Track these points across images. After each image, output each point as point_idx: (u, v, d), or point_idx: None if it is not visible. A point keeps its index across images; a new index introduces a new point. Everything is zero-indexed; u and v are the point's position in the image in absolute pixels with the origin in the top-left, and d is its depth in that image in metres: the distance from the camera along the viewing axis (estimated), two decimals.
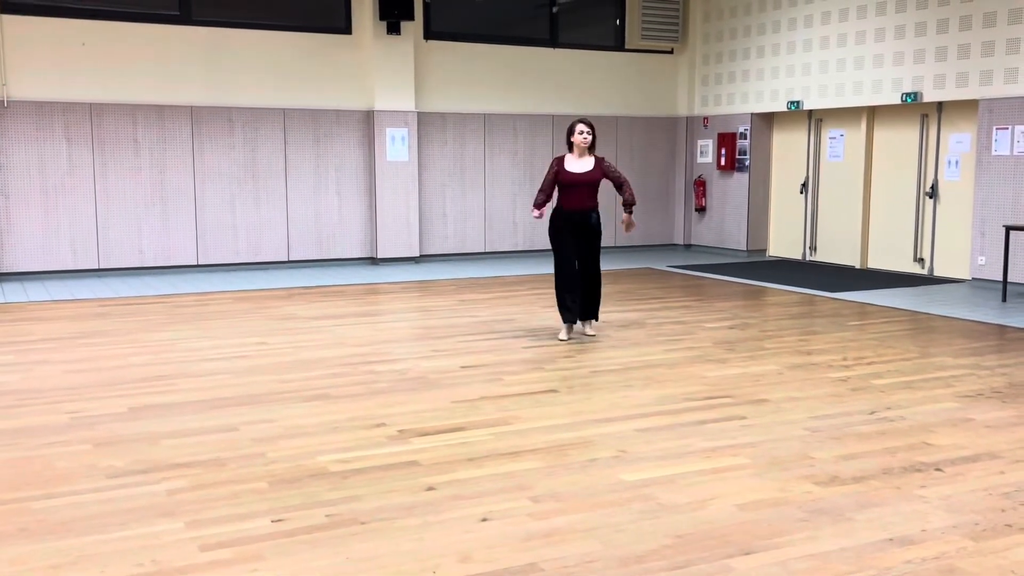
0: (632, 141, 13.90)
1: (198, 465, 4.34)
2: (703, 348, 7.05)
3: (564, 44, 13.30)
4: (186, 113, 11.12)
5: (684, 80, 14.10)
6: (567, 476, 4.21)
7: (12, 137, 10.38)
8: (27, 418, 5.12)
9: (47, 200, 10.59)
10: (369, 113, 12.03)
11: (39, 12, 10.41)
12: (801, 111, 12.57)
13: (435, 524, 3.65)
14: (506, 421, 5.10)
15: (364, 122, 12.08)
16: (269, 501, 3.89)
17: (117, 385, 5.87)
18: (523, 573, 3.22)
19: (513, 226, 13.17)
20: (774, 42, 12.73)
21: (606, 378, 6.10)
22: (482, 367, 6.42)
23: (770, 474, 4.24)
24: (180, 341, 7.28)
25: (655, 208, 14.23)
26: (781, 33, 12.61)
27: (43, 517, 3.71)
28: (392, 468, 4.32)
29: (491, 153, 12.93)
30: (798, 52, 12.38)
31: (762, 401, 5.52)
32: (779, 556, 3.36)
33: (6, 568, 3.25)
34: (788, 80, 12.56)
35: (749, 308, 9.03)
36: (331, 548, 3.43)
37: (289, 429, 4.95)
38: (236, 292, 9.89)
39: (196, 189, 11.28)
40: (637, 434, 4.85)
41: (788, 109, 12.56)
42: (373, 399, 5.59)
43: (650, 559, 3.34)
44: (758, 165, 13.28)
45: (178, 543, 3.46)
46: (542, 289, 10.17)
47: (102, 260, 10.89)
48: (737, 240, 13.46)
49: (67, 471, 4.26)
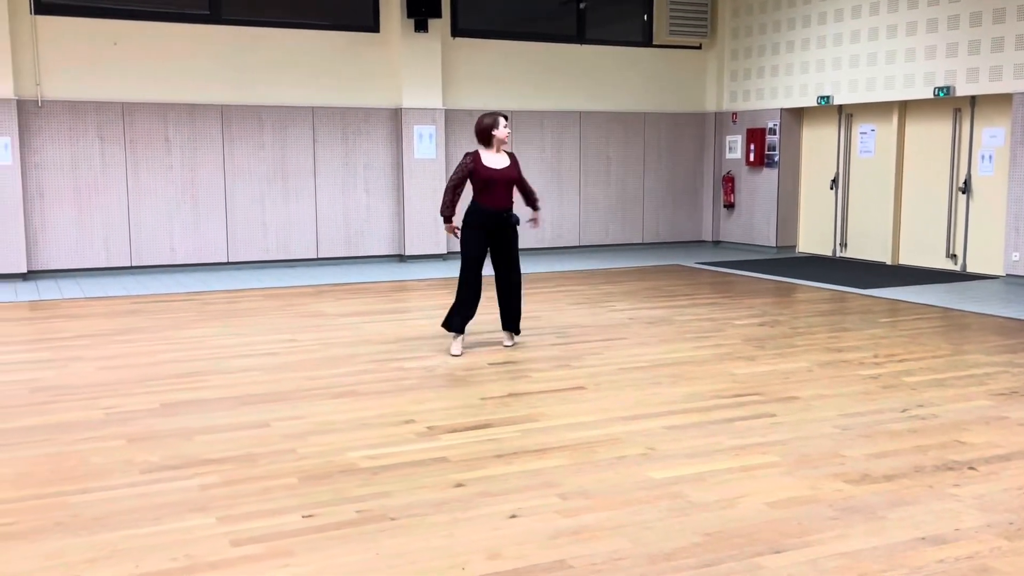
0: (660, 137, 13.84)
1: (230, 461, 4.39)
2: (732, 345, 7.02)
3: (591, 40, 13.27)
4: (216, 112, 11.22)
5: (713, 76, 14.02)
6: (595, 473, 4.21)
7: (46, 136, 10.52)
8: (63, 414, 5.20)
9: (80, 199, 10.73)
10: (397, 111, 12.07)
11: (72, 12, 10.54)
12: (831, 106, 12.45)
13: (464, 521, 3.67)
14: (534, 418, 5.11)
15: (392, 120, 12.12)
16: (299, 497, 3.93)
17: (150, 381, 5.94)
18: (552, 570, 3.23)
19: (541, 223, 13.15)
20: (804, 37, 12.63)
21: (634, 375, 6.09)
22: (509, 364, 6.43)
23: (800, 472, 4.22)
24: (211, 338, 7.35)
25: (683, 204, 14.17)
26: (811, 28, 12.50)
27: (79, 511, 3.76)
28: (421, 464, 4.34)
29: (518, 150, 12.91)
30: (828, 47, 12.26)
31: (792, 399, 5.49)
32: (809, 555, 3.34)
33: (43, 562, 3.31)
34: (818, 75, 12.45)
35: (778, 305, 8.97)
36: (361, 544, 3.45)
37: (319, 425, 4.99)
38: (266, 289, 9.97)
39: (226, 187, 11.38)
40: (665, 432, 4.84)
41: (818, 104, 12.44)
42: (402, 396, 5.62)
43: (679, 557, 3.33)
44: (787, 161, 13.17)
45: (210, 538, 3.50)
46: (568, 286, 10.16)
47: (134, 258, 11.02)
48: (766, 236, 13.37)
49: (102, 466, 4.32)
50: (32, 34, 10.36)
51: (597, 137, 13.41)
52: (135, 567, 3.26)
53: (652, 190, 13.90)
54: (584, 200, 13.44)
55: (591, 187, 13.47)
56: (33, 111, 10.43)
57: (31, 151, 10.46)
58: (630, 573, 3.21)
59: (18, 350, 7.05)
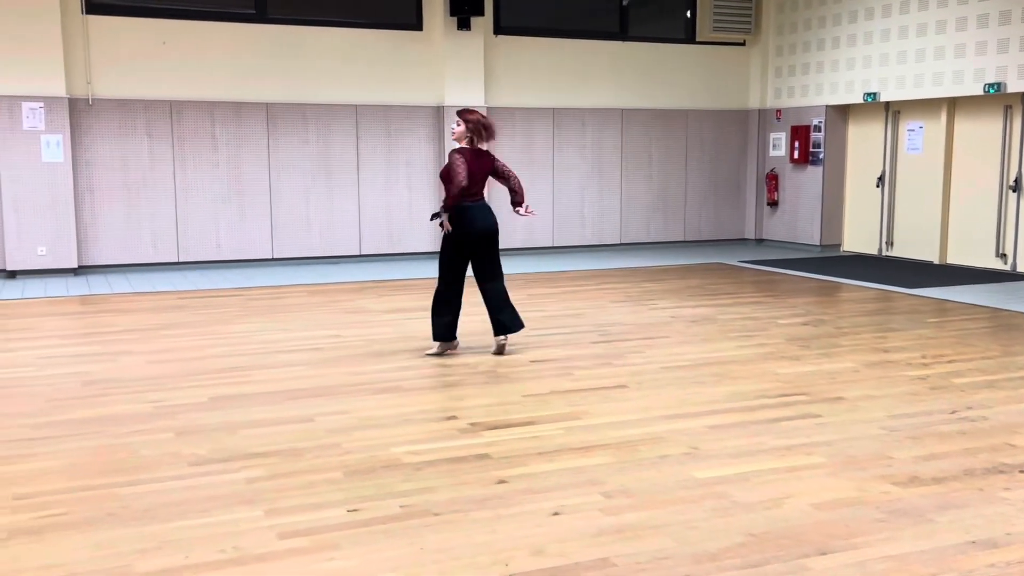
0: (703, 135, 13.74)
1: (275, 454, 4.44)
2: (776, 344, 6.95)
3: (634, 37, 13.21)
4: (262, 110, 11.35)
5: (756, 72, 13.88)
6: (638, 472, 4.20)
7: (96, 134, 10.72)
8: (112, 406, 5.30)
9: (129, 195, 10.91)
10: (439, 108, 12.11)
11: (122, 12, 10.72)
12: (878, 103, 12.27)
13: (507, 517, 3.68)
14: (576, 416, 5.10)
15: (434, 117, 12.17)
16: (344, 491, 3.96)
17: (197, 375, 6.03)
18: (596, 568, 3.23)
19: (581, 220, 13.15)
20: (850, 32, 12.45)
21: (676, 374, 6.06)
22: (551, 361, 6.43)
23: (846, 473, 4.17)
24: (256, 333, 7.45)
25: (726, 202, 14.05)
26: (858, 23, 12.33)
27: (129, 503, 3.84)
28: (464, 461, 4.36)
29: (559, 147, 12.92)
30: (875, 42, 12.08)
31: (838, 399, 5.42)
32: (857, 557, 3.31)
33: (95, 551, 3.37)
34: (864, 71, 12.27)
35: (823, 304, 8.86)
36: (405, 539, 3.48)
37: (363, 420, 5.03)
38: (309, 285, 10.06)
39: (271, 184, 11.50)
40: (709, 431, 4.81)
41: (864, 101, 12.27)
42: (444, 392, 5.65)
43: (724, 557, 3.31)
44: (833, 158, 13.01)
45: (257, 530, 3.55)
46: (610, 284, 10.13)
47: (181, 253, 11.19)
48: (810, 235, 13.22)
49: (151, 458, 4.40)
50: (83, 33, 10.56)
51: (639, 135, 13.35)
52: (184, 558, 3.31)
53: (694, 188, 13.80)
54: (625, 198, 13.39)
55: (632, 185, 13.41)
56: (84, 109, 10.63)
57: (82, 148, 10.67)
58: (674, 572, 3.19)
59: (69, 343, 7.20)
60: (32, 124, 10.27)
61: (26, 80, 10.22)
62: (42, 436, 4.74)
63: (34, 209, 10.36)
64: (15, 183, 10.26)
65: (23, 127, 10.24)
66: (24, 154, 10.27)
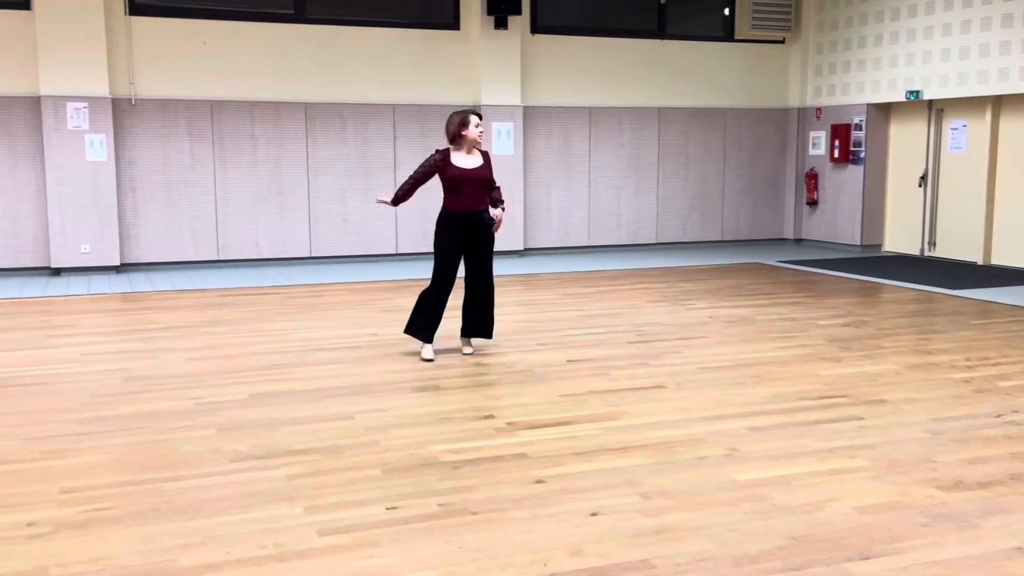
0: (741, 133, 13.63)
1: (315, 452, 4.48)
2: (816, 346, 6.88)
3: (672, 36, 13.13)
4: (300, 109, 11.44)
5: (796, 70, 13.74)
6: (677, 473, 4.17)
7: (139, 134, 10.88)
8: (155, 403, 5.38)
9: (170, 194, 11.06)
10: (476, 107, 12.13)
11: (164, 13, 10.86)
12: (920, 101, 12.09)
13: (545, 517, 3.68)
14: (614, 416, 5.09)
15: None
16: (383, 489, 3.98)
17: (237, 372, 6.09)
18: (635, 569, 3.21)
19: (617, 220, 13.10)
20: (892, 30, 12.28)
21: (715, 375, 6.02)
22: (588, 361, 6.42)
23: (889, 477, 4.12)
24: (295, 331, 7.51)
25: (764, 202, 13.93)
26: (900, 20, 12.15)
27: (172, 498, 3.89)
28: (501, 460, 4.36)
29: (596, 146, 12.88)
30: (918, 40, 11.91)
31: (880, 402, 5.35)
32: (900, 562, 3.26)
33: (140, 546, 3.42)
34: (907, 69, 12.09)
35: (864, 305, 8.75)
36: (444, 537, 3.49)
37: (401, 418, 5.05)
38: (347, 284, 10.13)
39: (309, 183, 11.59)
40: (748, 433, 4.77)
41: (907, 99, 12.09)
42: (481, 391, 5.66)
43: (764, 560, 3.28)
44: (874, 157, 12.84)
45: (298, 527, 3.58)
46: (647, 283, 10.09)
47: (221, 252, 11.31)
48: (851, 234, 13.06)
49: (193, 455, 4.45)
50: (126, 34, 10.71)
51: (676, 133, 13.28)
52: (226, 553, 3.35)
53: (732, 187, 13.70)
54: (662, 197, 13.31)
55: (669, 184, 13.33)
56: (127, 109, 10.78)
57: (125, 148, 10.82)
58: (714, 575, 3.17)
59: (112, 340, 7.31)
60: (76, 124, 10.45)
61: (71, 81, 10.39)
62: (87, 431, 4.82)
63: (78, 208, 10.53)
64: (60, 183, 10.44)
65: (68, 127, 10.41)
66: (69, 154, 10.45)
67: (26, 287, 9.77)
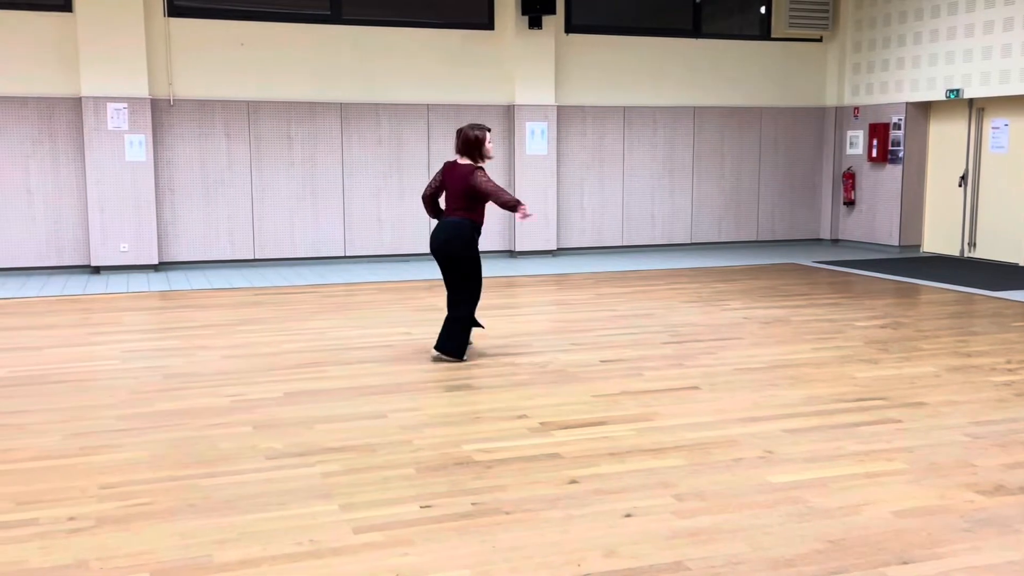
0: (777, 133, 13.51)
1: (350, 450, 4.51)
2: (853, 347, 6.80)
3: (707, 34, 13.05)
4: (336, 110, 11.52)
5: (834, 69, 13.59)
6: (712, 475, 4.15)
7: (177, 134, 11.01)
8: (192, 400, 5.44)
9: (208, 194, 11.18)
10: (510, 107, 12.14)
11: (202, 15, 10.99)
12: (961, 100, 11.90)
13: (579, 518, 3.67)
14: (647, 417, 5.07)
15: (504, 116, 12.20)
16: (417, 487, 4.00)
17: (273, 370, 6.15)
18: (669, 571, 3.20)
19: (651, 220, 13.04)
20: (932, 28, 12.11)
21: (750, 376, 5.97)
22: (622, 361, 6.40)
23: (928, 481, 4.06)
24: (330, 329, 7.56)
25: (800, 201, 13.79)
26: (941, 18, 11.98)
27: (209, 494, 3.93)
28: (535, 460, 4.36)
29: (630, 146, 12.84)
30: (959, 38, 11.73)
31: (919, 404, 5.28)
32: (940, 567, 3.22)
33: (177, 540, 3.47)
34: (947, 67, 11.92)
35: (902, 306, 8.64)
36: (477, 536, 3.49)
37: (434, 418, 5.07)
38: (381, 283, 10.18)
39: (344, 183, 11.67)
40: (784, 435, 4.73)
41: (947, 98, 11.91)
42: (514, 391, 5.66)
43: (800, 563, 3.25)
44: (913, 156, 12.66)
45: (333, 524, 3.60)
46: (681, 284, 10.03)
47: (257, 251, 11.42)
48: (889, 235, 12.89)
49: (230, 451, 4.50)
50: (165, 36, 10.85)
51: (711, 133, 13.19)
52: (262, 549, 3.38)
53: (768, 187, 13.58)
54: (697, 197, 13.24)
55: (704, 183, 13.25)
56: (165, 109, 10.92)
57: (163, 148, 10.96)
58: None
59: (151, 338, 7.41)
60: (116, 124, 10.60)
61: (111, 81, 10.55)
62: (126, 427, 4.89)
63: (118, 207, 10.68)
64: (100, 182, 10.60)
65: (108, 127, 10.57)
66: (109, 153, 10.60)
67: (67, 285, 9.94)
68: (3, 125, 10.41)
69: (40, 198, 10.61)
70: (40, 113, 10.51)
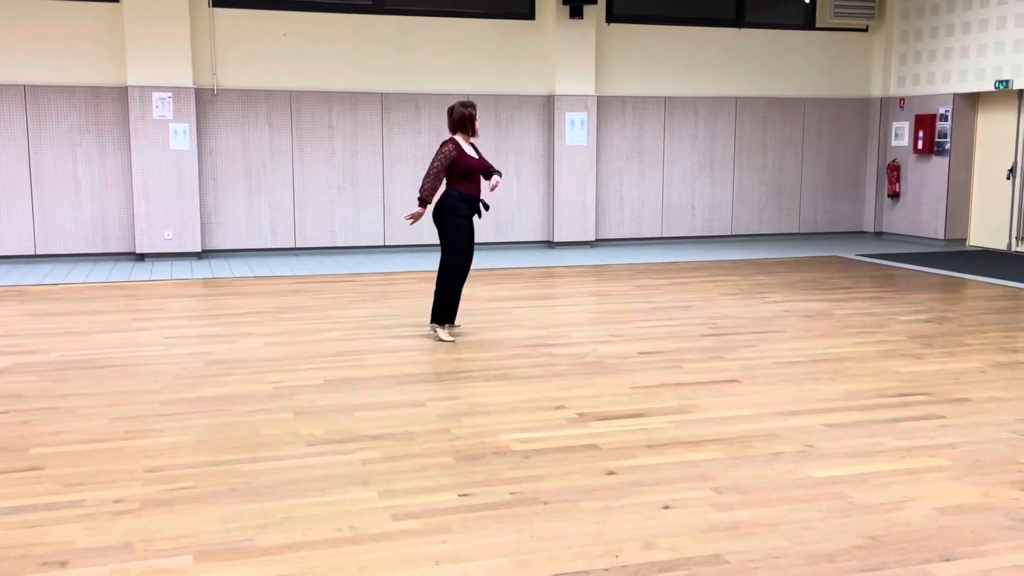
0: (821, 124, 13.34)
1: (389, 437, 4.54)
2: (896, 342, 6.71)
3: (750, 24, 12.91)
4: (377, 100, 11.57)
5: (879, 59, 13.38)
6: (751, 469, 4.12)
7: (220, 123, 11.14)
8: (234, 386, 5.52)
9: (250, 183, 11.30)
10: (550, 98, 12.11)
11: (245, 5, 11.09)
12: (1010, 91, 11.66)
13: (616, 509, 3.67)
14: (686, 409, 5.05)
15: (544, 107, 12.18)
16: (455, 476, 4.02)
17: (313, 358, 6.21)
18: (708, 564, 3.19)
19: (691, 211, 12.95)
20: (982, 17, 11.86)
21: (791, 370, 5.92)
22: (660, 353, 6.37)
23: (972, 478, 4.00)
24: (369, 318, 7.62)
25: (844, 193, 13.61)
26: (990, 8, 11.73)
27: (251, 479, 3.99)
28: (573, 451, 4.36)
29: (671, 137, 12.75)
30: (1009, 27, 11.48)
31: (963, 400, 5.20)
32: (983, 565, 3.17)
33: (221, 524, 3.52)
34: (996, 58, 11.67)
35: (947, 301, 8.50)
36: (515, 525, 3.51)
37: (472, 407, 5.09)
38: (419, 272, 10.22)
39: (384, 173, 11.73)
40: (825, 429, 4.68)
41: (996, 89, 11.68)
42: (552, 381, 5.66)
43: (841, 559, 3.22)
44: (959, 148, 12.44)
45: (372, 511, 3.64)
46: (720, 276, 9.96)
47: (298, 240, 11.53)
48: (934, 228, 12.69)
49: (271, 437, 4.56)
50: (210, 26, 10.97)
51: (753, 124, 13.06)
52: (303, 535, 3.43)
53: (811, 178, 13.42)
54: (738, 188, 13.12)
55: (746, 175, 13.13)
56: (209, 99, 11.05)
57: (207, 137, 11.10)
58: (789, 573, 3.13)
59: (194, 324, 7.52)
60: (161, 113, 10.75)
61: (156, 71, 10.69)
62: (171, 412, 4.98)
63: (162, 195, 10.84)
64: (145, 171, 10.76)
65: (153, 116, 10.72)
66: (154, 142, 10.76)
67: (113, 272, 10.11)
68: (52, 114, 10.61)
69: (87, 186, 10.80)
70: (87, 102, 10.69)
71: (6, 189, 10.59)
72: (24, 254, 10.73)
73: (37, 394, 5.33)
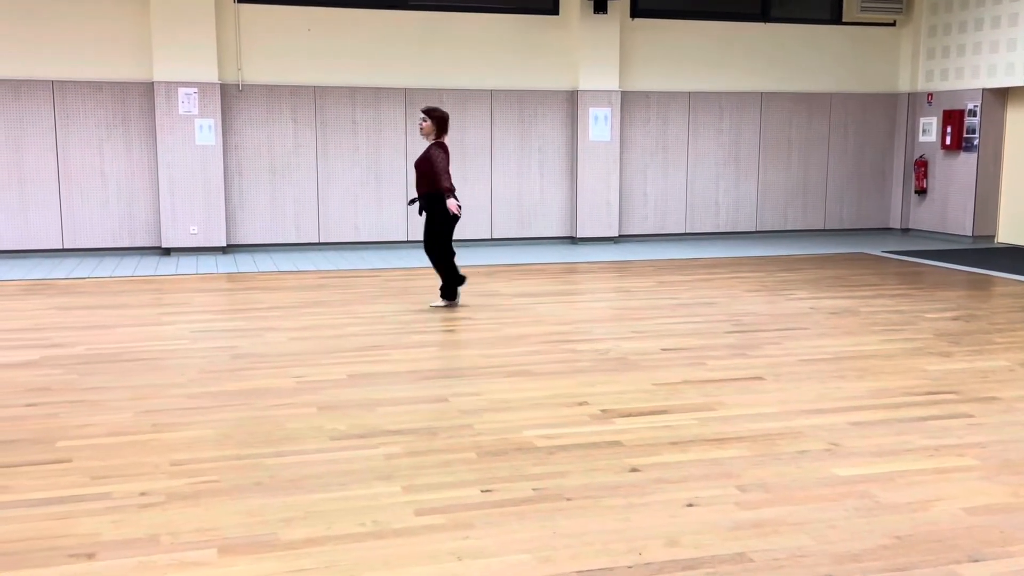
0: (847, 119, 13.22)
1: (411, 433, 4.55)
2: (923, 340, 6.64)
3: (776, 19, 12.81)
4: (400, 95, 11.59)
5: (907, 54, 13.23)
6: (775, 467, 4.09)
7: (245, 119, 11.20)
8: (259, 380, 5.54)
9: (274, 178, 11.36)
10: (573, 93, 12.08)
11: (270, 1, 11.13)
12: None
13: (640, 506, 3.66)
14: (710, 407, 5.02)
15: (568, 102, 12.15)
16: (478, 471, 4.02)
17: (336, 353, 6.23)
18: (732, 562, 3.17)
19: (716, 207, 12.88)
20: (1012, 11, 11.70)
21: (816, 367, 5.87)
22: (684, 350, 6.34)
23: (1001, 477, 3.95)
24: (392, 313, 7.63)
25: (870, 190, 13.49)
26: (1019, 1, 11.57)
27: (275, 473, 4.01)
28: (596, 447, 4.35)
29: (695, 132, 12.68)
30: None
31: (991, 399, 5.14)
32: (1013, 565, 3.13)
33: (245, 518, 3.54)
34: None
35: (975, 298, 8.40)
36: (538, 521, 3.50)
37: (494, 403, 5.09)
38: None
39: (407, 168, 11.74)
40: (851, 427, 4.64)
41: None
42: (574, 377, 5.65)
43: (867, 558, 3.19)
44: (988, 144, 12.28)
45: (395, 506, 3.65)
46: (744, 272, 9.90)
47: (322, 235, 11.58)
48: (962, 225, 12.54)
49: (295, 432, 4.58)
50: (235, 21, 11.02)
51: (779, 119, 12.96)
52: (327, 529, 3.44)
53: (836, 174, 13.31)
54: (763, 184, 13.03)
55: (770, 171, 13.04)
56: (234, 95, 11.11)
57: (232, 132, 11.16)
58: (814, 572, 3.10)
59: (219, 318, 7.57)
60: (187, 109, 10.82)
61: (182, 67, 10.76)
62: (196, 406, 5.01)
63: (188, 190, 10.92)
64: (171, 166, 10.84)
65: (179, 111, 10.79)
66: (180, 137, 10.83)
67: (139, 266, 10.20)
68: (80, 109, 10.71)
69: (114, 181, 10.90)
70: (114, 97, 10.77)
71: (34, 184, 10.70)
72: (52, 248, 10.84)
73: (64, 387, 5.39)
